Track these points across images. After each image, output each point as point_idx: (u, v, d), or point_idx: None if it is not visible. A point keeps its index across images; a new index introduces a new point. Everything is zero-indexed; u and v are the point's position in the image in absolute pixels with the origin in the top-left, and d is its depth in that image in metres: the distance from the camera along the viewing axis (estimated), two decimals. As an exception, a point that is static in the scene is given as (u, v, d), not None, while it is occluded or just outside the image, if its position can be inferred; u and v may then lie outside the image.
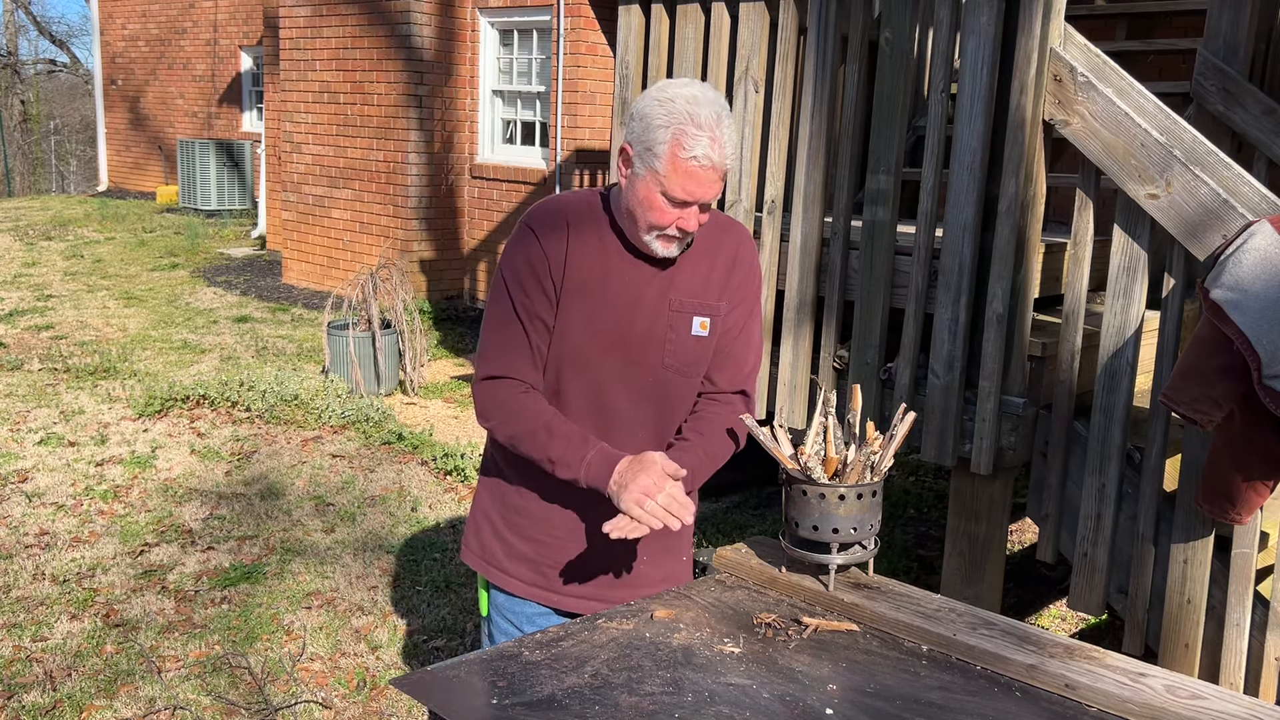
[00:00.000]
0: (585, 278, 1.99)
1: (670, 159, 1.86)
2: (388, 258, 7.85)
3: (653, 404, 2.07)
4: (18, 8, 27.17)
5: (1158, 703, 1.64)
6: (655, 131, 1.87)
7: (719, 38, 3.88)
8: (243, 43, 14.65)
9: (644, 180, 1.90)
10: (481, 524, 2.18)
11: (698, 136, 1.84)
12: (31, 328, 8.27)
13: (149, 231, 12.96)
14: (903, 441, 2.06)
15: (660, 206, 1.90)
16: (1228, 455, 2.73)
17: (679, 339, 2.04)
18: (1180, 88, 4.47)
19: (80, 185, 24.97)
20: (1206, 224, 2.85)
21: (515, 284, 2.00)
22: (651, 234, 1.95)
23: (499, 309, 2.03)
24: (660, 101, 1.88)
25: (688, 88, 1.89)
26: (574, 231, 1.99)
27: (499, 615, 2.16)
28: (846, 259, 3.63)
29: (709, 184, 1.88)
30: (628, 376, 2.04)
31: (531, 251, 1.98)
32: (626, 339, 2.01)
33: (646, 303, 2.02)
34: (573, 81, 8.37)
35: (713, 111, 1.86)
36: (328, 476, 5.34)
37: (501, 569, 2.14)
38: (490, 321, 2.04)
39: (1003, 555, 3.46)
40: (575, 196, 2.06)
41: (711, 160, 1.86)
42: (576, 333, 2.00)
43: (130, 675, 3.49)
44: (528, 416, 1.98)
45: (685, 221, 1.92)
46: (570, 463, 1.95)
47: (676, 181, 1.87)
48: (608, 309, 2.00)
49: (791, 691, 1.67)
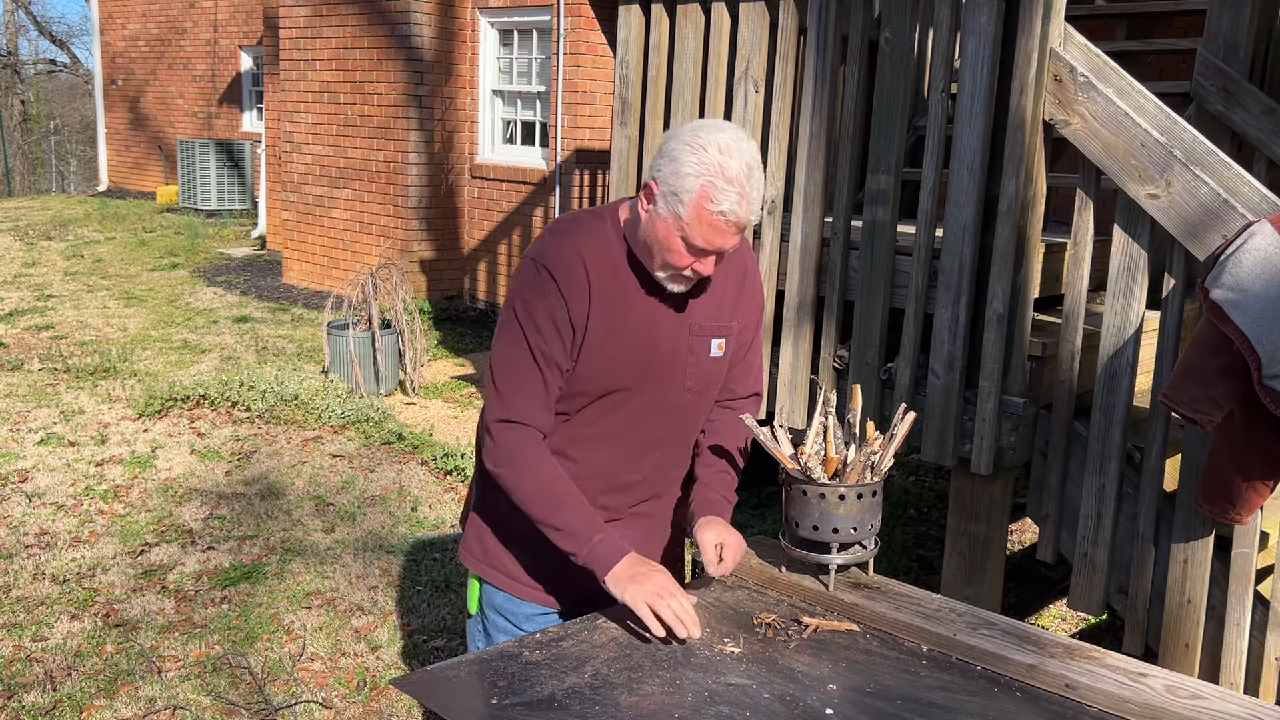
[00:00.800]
0: (608, 316, 1.97)
1: (696, 209, 1.84)
2: (388, 258, 7.85)
3: (669, 425, 2.10)
4: (18, 8, 27.17)
5: (1158, 703, 1.64)
6: (684, 179, 1.84)
7: (719, 38, 3.88)
8: (243, 43, 14.65)
9: (666, 222, 1.88)
10: (483, 530, 2.17)
11: (727, 191, 1.83)
12: (31, 328, 8.27)
13: (149, 231, 12.96)
14: (903, 441, 2.05)
15: (679, 250, 1.89)
16: (1228, 455, 2.73)
17: (699, 362, 2.07)
18: (1180, 88, 4.47)
19: (80, 185, 24.98)
20: (1206, 224, 2.85)
21: (533, 328, 1.95)
22: (666, 272, 1.94)
23: (515, 350, 1.97)
24: (693, 148, 1.84)
25: (721, 133, 1.86)
26: (594, 277, 1.96)
27: (498, 615, 2.16)
28: (846, 259, 3.63)
29: (731, 236, 1.88)
30: (650, 401, 2.05)
31: (550, 299, 1.94)
32: (648, 368, 2.02)
33: (666, 330, 2.02)
34: (573, 81, 8.37)
35: (744, 164, 1.84)
36: (328, 476, 5.34)
37: (505, 571, 2.13)
38: (505, 361, 1.99)
39: (1003, 555, 3.46)
40: (589, 235, 2.00)
41: (738, 216, 1.85)
42: (600, 369, 1.99)
43: (130, 675, 3.49)
44: (540, 475, 1.96)
45: (702, 266, 1.92)
46: (576, 537, 1.92)
47: (699, 232, 1.86)
48: (630, 342, 1.99)
49: (791, 691, 1.67)
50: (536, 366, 1.96)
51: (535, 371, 1.97)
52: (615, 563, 1.89)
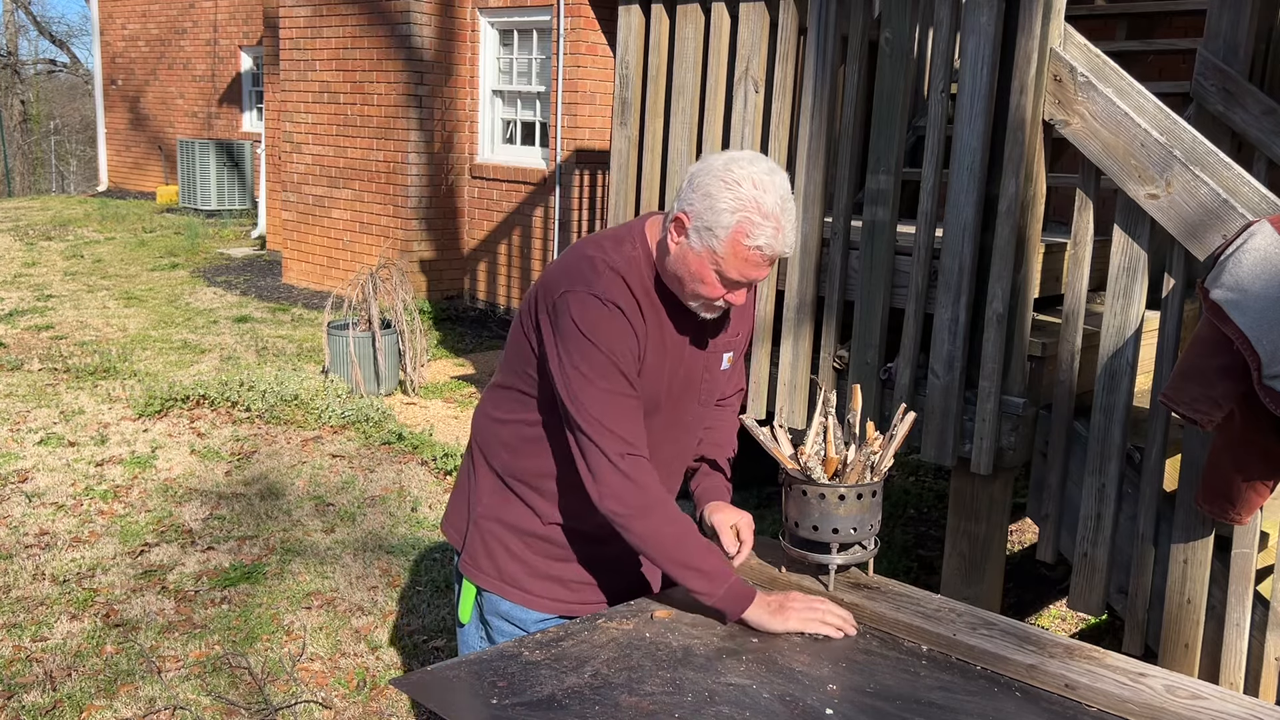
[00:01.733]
0: (652, 345, 2.00)
1: (732, 244, 1.84)
2: (388, 258, 7.85)
3: (684, 438, 2.15)
4: (18, 8, 27.17)
5: (1158, 703, 1.64)
6: (720, 215, 1.83)
7: (719, 38, 3.88)
8: (243, 43, 14.66)
9: (699, 255, 1.88)
10: (494, 547, 2.12)
11: (763, 226, 1.82)
12: (31, 328, 8.27)
13: (149, 231, 12.96)
14: (903, 441, 2.06)
15: (712, 283, 1.89)
16: (1228, 455, 2.73)
17: (712, 378, 2.12)
18: (1180, 88, 4.47)
19: (80, 185, 24.98)
20: (1206, 224, 2.85)
21: (624, 362, 1.93)
22: (698, 301, 1.95)
23: (611, 385, 1.93)
24: (727, 184, 1.83)
25: (754, 167, 1.85)
26: (645, 311, 1.98)
27: (503, 620, 2.14)
28: (846, 259, 3.63)
29: (765, 268, 1.89)
30: (668, 420, 2.08)
31: (626, 333, 1.93)
32: (671, 389, 2.05)
33: (688, 351, 2.06)
34: (573, 81, 8.37)
35: (778, 197, 1.84)
36: (328, 476, 5.34)
37: (519, 586, 2.11)
38: (605, 397, 1.93)
39: (1003, 555, 3.46)
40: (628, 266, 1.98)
41: (774, 249, 1.85)
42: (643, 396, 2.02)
43: (130, 675, 3.49)
44: (677, 517, 1.93)
45: (734, 297, 1.93)
46: (713, 578, 1.90)
47: (734, 266, 1.86)
48: (663, 367, 2.02)
49: (791, 691, 1.67)
50: (634, 399, 1.95)
51: (634, 403, 1.95)
52: (747, 604, 1.90)
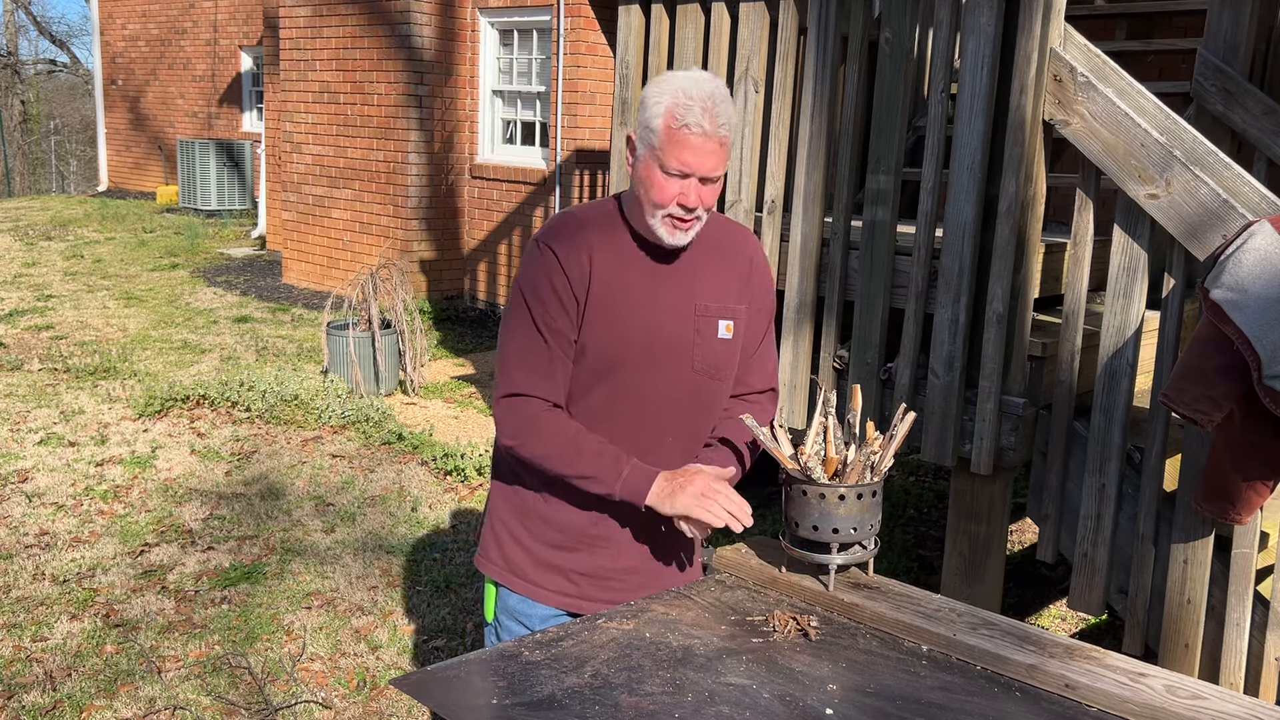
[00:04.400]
0: (609, 288, 1.99)
1: (665, 131, 1.90)
2: (388, 258, 7.85)
3: (683, 408, 2.09)
4: (18, 8, 27.17)
5: (1158, 703, 1.64)
6: (651, 108, 1.93)
7: (719, 37, 3.88)
8: (243, 43, 14.65)
9: (644, 160, 1.95)
10: (501, 534, 2.16)
11: (689, 106, 1.89)
12: (31, 328, 8.27)
13: (149, 231, 12.96)
14: (903, 441, 2.06)
15: (659, 183, 1.93)
16: (1228, 455, 2.73)
17: (705, 343, 2.07)
18: (1180, 88, 4.47)
19: (80, 185, 24.98)
20: (1206, 224, 2.85)
21: (536, 300, 1.99)
22: (656, 216, 1.96)
23: (520, 325, 2.01)
24: (657, 83, 1.96)
25: (688, 72, 1.97)
26: (595, 244, 2.00)
27: (510, 618, 2.15)
28: (846, 259, 3.63)
29: (705, 154, 1.91)
30: (656, 382, 2.05)
31: (552, 268, 1.98)
32: (653, 345, 2.03)
33: (670, 308, 2.04)
34: (573, 81, 8.37)
35: (707, 88, 1.91)
36: (328, 476, 5.34)
37: (524, 577, 2.12)
38: (510, 338, 2.03)
39: (1003, 555, 3.46)
40: (590, 208, 2.07)
41: (704, 128, 1.89)
42: (603, 343, 2.00)
43: (130, 675, 3.49)
44: (554, 434, 1.98)
45: (685, 197, 1.94)
46: (604, 478, 1.96)
47: (672, 152, 1.91)
48: (633, 317, 2.01)
49: (791, 691, 1.67)
50: (541, 338, 1.99)
51: (539, 343, 1.99)
52: (649, 487, 1.95)
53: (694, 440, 2.13)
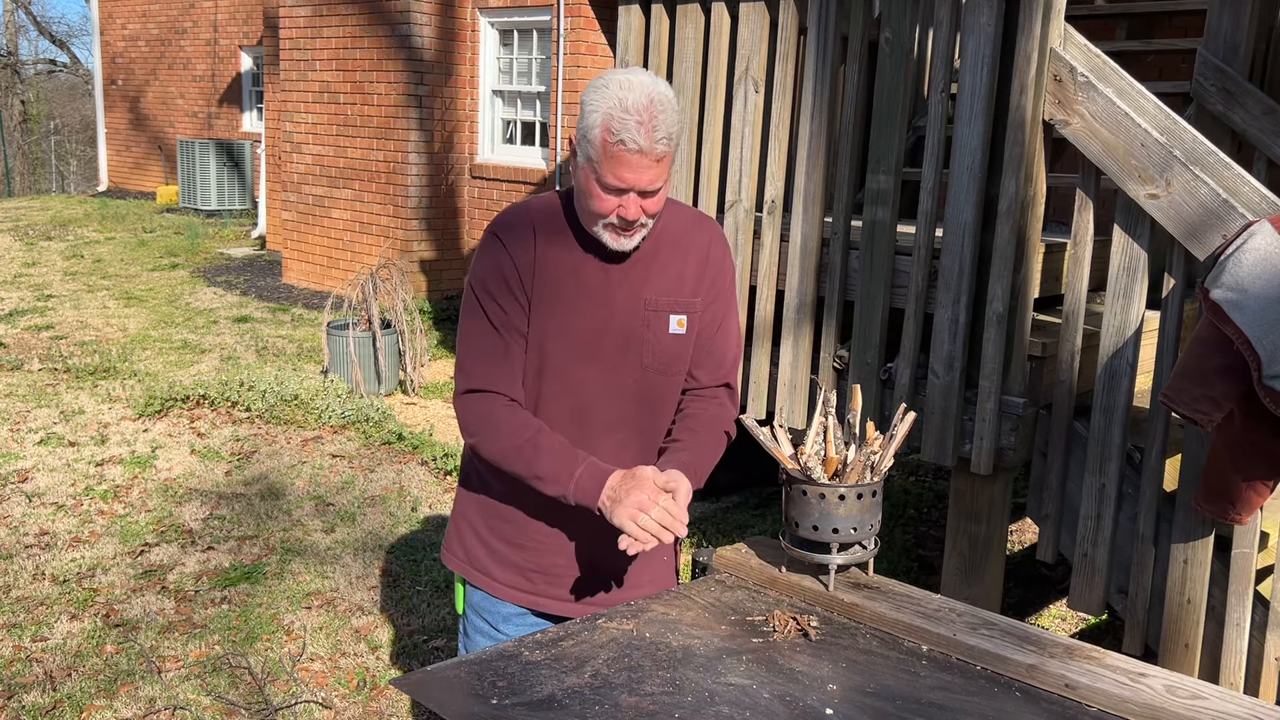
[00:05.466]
0: (556, 282, 1.96)
1: (601, 145, 1.82)
2: (388, 258, 7.85)
3: (634, 404, 2.05)
4: (18, 8, 27.17)
5: (1158, 703, 1.64)
6: (588, 117, 1.83)
7: (719, 37, 3.88)
8: (243, 43, 14.65)
9: (584, 169, 1.88)
10: (464, 529, 2.16)
11: (624, 120, 1.79)
12: (31, 328, 8.27)
13: (149, 231, 12.96)
14: (903, 441, 2.05)
15: (598, 194, 1.87)
16: (1228, 455, 2.73)
17: (656, 338, 2.02)
18: (1180, 88, 4.47)
19: (80, 185, 24.98)
20: (1206, 224, 2.85)
21: (486, 295, 1.96)
22: (597, 224, 1.92)
23: (473, 321, 1.99)
24: (595, 88, 1.84)
25: (625, 74, 1.84)
26: (541, 236, 1.96)
27: (475, 614, 2.16)
28: (846, 259, 3.63)
29: (640, 169, 1.83)
30: (606, 378, 2.02)
31: (501, 261, 1.95)
32: (602, 340, 1.99)
33: (620, 303, 1.99)
34: (573, 81, 8.37)
35: (643, 96, 1.80)
36: (328, 476, 5.34)
37: (485, 572, 2.13)
38: (466, 334, 2.00)
39: (1003, 555, 3.46)
40: (539, 201, 2.03)
41: (639, 145, 1.80)
42: (551, 338, 1.98)
43: (130, 675, 3.49)
44: (512, 432, 1.95)
45: (625, 210, 1.87)
46: (559, 479, 1.92)
47: (607, 168, 1.83)
48: (581, 311, 1.98)
49: (791, 691, 1.67)
50: (496, 332, 1.96)
51: (495, 338, 1.97)
52: (600, 491, 1.89)
53: (646, 438, 2.08)
